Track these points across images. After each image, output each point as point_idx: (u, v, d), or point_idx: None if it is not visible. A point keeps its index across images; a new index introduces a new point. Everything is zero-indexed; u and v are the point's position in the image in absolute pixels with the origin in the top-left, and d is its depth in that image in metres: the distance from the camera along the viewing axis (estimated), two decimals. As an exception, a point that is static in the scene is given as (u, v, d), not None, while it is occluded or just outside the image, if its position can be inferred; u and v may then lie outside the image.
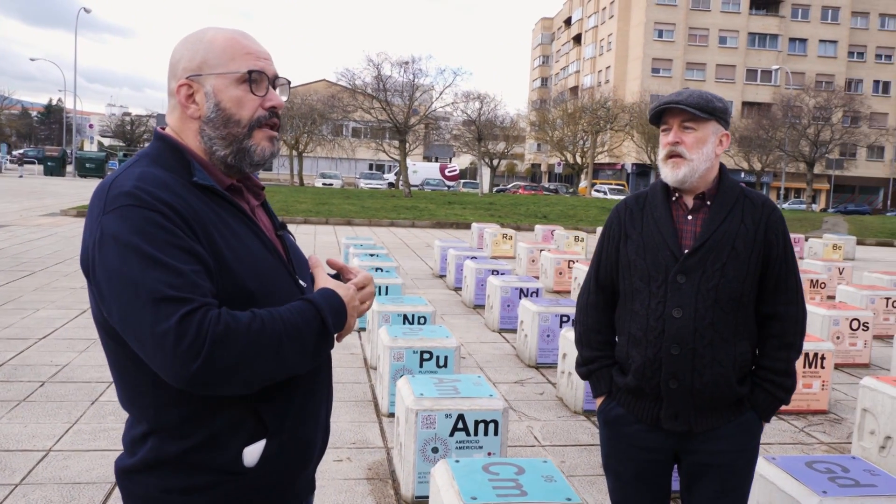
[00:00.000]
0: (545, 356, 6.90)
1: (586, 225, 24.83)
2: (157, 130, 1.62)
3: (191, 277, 1.36)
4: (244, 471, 1.52)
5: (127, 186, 1.42)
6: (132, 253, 1.35)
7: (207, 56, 1.56)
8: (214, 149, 1.58)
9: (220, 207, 1.52)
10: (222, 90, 1.56)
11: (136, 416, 1.53)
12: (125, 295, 1.36)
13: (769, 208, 2.39)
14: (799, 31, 65.12)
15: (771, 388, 2.38)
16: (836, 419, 5.83)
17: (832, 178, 60.60)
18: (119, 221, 1.38)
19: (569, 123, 55.32)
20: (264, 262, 1.55)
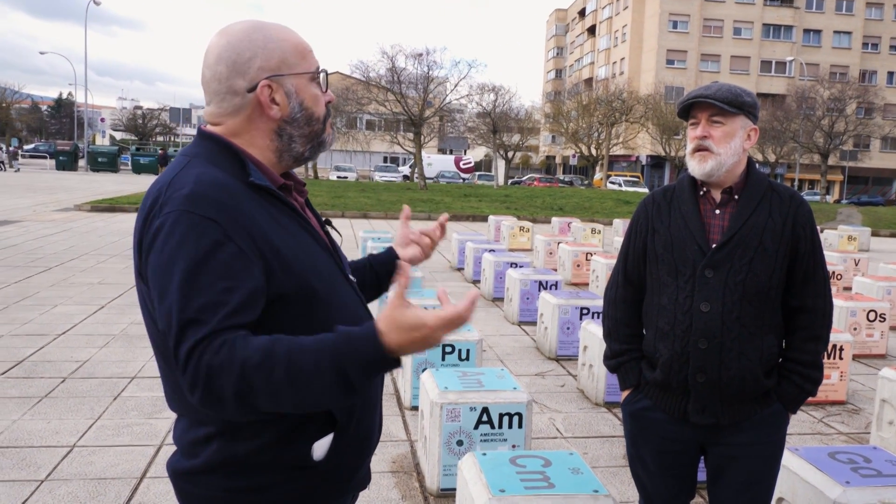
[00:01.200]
0: (565, 348, 6.91)
1: (602, 217, 24.75)
2: (202, 129, 1.59)
3: (225, 298, 1.34)
4: (312, 465, 1.53)
5: (186, 189, 1.40)
6: (174, 264, 1.35)
7: (285, 56, 1.53)
8: (293, 146, 1.58)
9: (274, 207, 1.51)
10: (303, 89, 1.56)
11: (198, 418, 1.51)
12: (163, 305, 1.36)
13: (797, 202, 2.38)
14: (813, 22, 64.52)
15: (798, 381, 2.39)
16: (854, 409, 5.82)
17: (846, 170, 60.13)
18: (171, 226, 1.37)
19: (583, 115, 55.17)
20: (320, 259, 1.56)
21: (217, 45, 1.53)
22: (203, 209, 1.38)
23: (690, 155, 2.38)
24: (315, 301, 1.48)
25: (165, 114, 61.15)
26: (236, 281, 1.36)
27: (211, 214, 1.38)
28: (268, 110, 1.53)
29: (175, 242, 1.36)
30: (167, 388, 1.57)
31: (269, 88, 1.51)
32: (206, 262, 1.35)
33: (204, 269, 1.35)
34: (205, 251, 1.35)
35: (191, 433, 1.53)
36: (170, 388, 1.56)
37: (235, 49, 1.51)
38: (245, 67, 1.51)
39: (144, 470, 4.13)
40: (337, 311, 1.54)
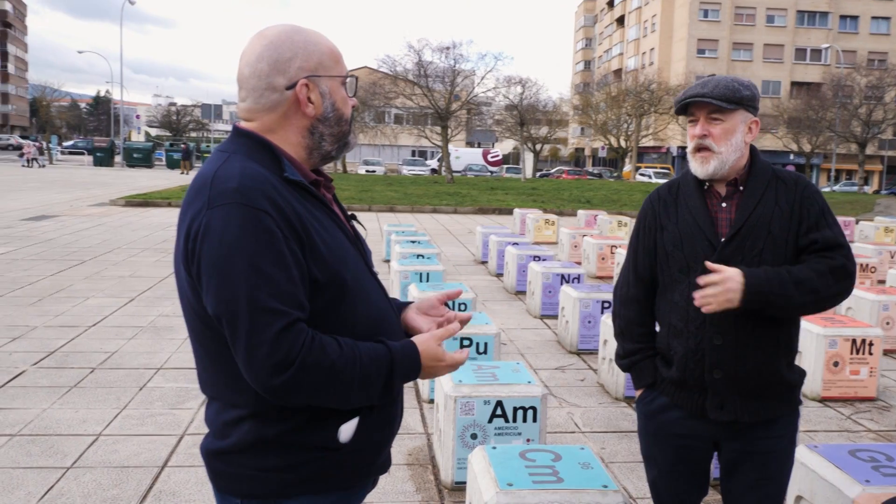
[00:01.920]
0: (586, 342, 6.87)
1: (630, 209, 24.53)
2: (238, 127, 1.66)
3: (289, 288, 1.46)
4: (339, 447, 1.62)
5: (233, 182, 1.49)
6: (237, 254, 1.44)
7: (322, 58, 1.63)
8: (322, 144, 1.68)
9: (307, 201, 1.60)
10: (335, 91, 1.66)
11: (230, 400, 1.60)
12: (225, 294, 1.45)
13: (802, 185, 2.34)
14: (850, 7, 63.18)
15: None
16: (884, 406, 5.71)
17: (885, 159, 58.87)
18: (226, 218, 1.46)
19: (612, 107, 54.69)
20: (348, 251, 1.65)
21: (258, 44, 1.62)
22: (255, 201, 1.47)
23: (692, 154, 2.35)
24: (343, 290, 1.58)
25: (198, 110, 61.81)
26: (296, 270, 1.48)
27: (263, 206, 1.47)
28: (304, 108, 1.63)
29: (233, 234, 1.44)
30: (201, 372, 1.67)
31: (306, 87, 1.61)
32: (268, 251, 1.45)
33: (267, 259, 1.44)
34: (265, 241, 1.45)
35: (223, 415, 1.62)
36: (204, 372, 1.66)
37: (277, 49, 1.60)
38: (286, 66, 1.60)
39: (166, 459, 4.20)
40: (361, 301, 1.63)
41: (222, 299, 1.45)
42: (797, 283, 2.19)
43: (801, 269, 2.23)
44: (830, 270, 2.22)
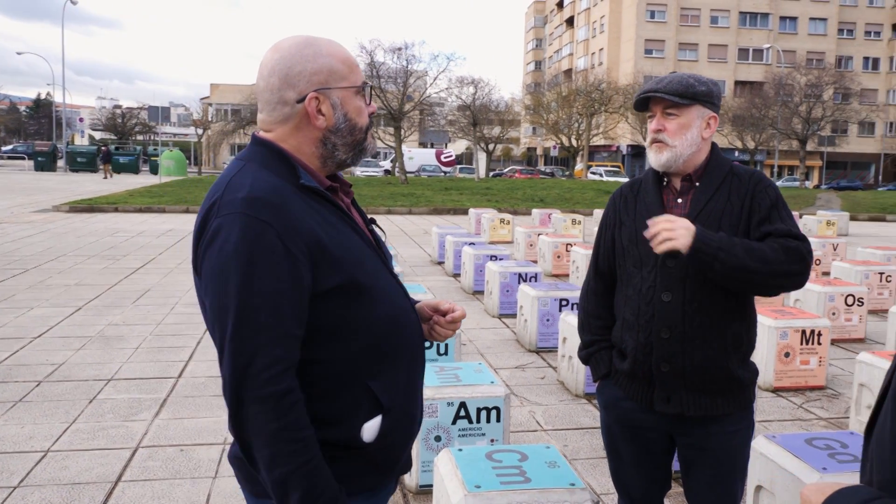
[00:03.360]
0: (545, 340, 6.90)
1: (583, 208, 24.81)
2: (256, 136, 1.69)
3: (280, 304, 1.48)
4: (363, 445, 1.64)
5: (242, 192, 1.52)
6: (232, 265, 1.47)
7: (333, 70, 1.64)
8: (336, 154, 1.69)
9: (323, 207, 1.62)
10: (348, 101, 1.67)
11: None
12: (218, 303, 1.50)
13: (756, 180, 2.35)
14: (789, 9, 64.87)
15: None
16: (833, 394, 5.86)
17: (824, 155, 60.67)
18: (228, 228, 1.49)
19: (563, 106, 55.20)
20: (365, 255, 1.66)
21: (271, 58, 1.64)
22: (259, 212, 1.49)
23: (648, 147, 2.40)
24: (360, 292, 1.60)
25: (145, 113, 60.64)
26: (289, 284, 1.49)
27: (265, 217, 1.49)
28: (314, 120, 1.64)
29: (232, 244, 1.48)
30: None
31: (316, 100, 1.63)
32: (264, 264, 1.47)
33: (261, 272, 1.47)
34: (263, 255, 1.47)
35: None
36: None
37: (287, 63, 1.62)
38: (295, 80, 1.62)
39: (120, 473, 4.07)
40: (380, 302, 1.65)
41: (215, 307, 1.50)
42: (748, 250, 2.17)
43: (754, 242, 2.22)
44: (784, 249, 2.20)
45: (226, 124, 50.22)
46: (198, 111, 62.29)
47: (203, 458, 4.30)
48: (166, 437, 4.62)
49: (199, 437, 4.63)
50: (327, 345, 1.58)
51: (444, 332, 1.92)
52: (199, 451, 4.42)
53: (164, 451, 4.40)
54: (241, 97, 53.55)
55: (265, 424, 1.47)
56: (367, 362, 1.63)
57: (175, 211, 21.93)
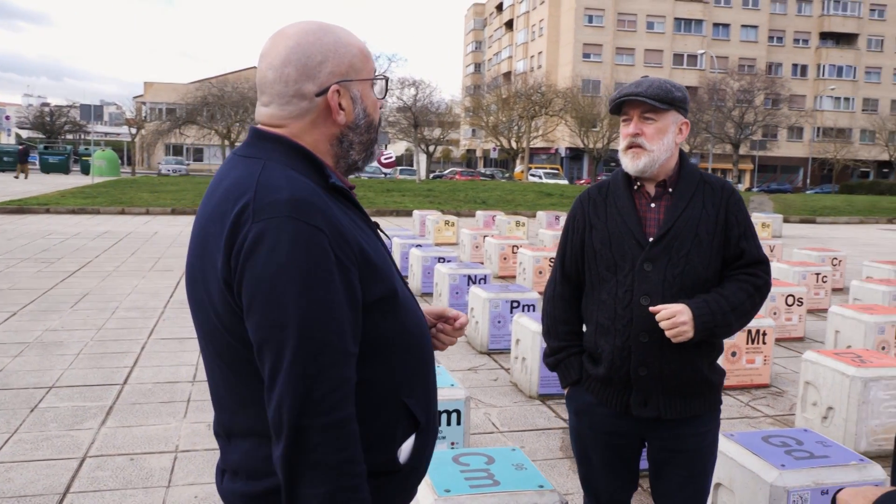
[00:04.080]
0: (496, 342, 6.93)
1: (525, 209, 25.04)
2: (263, 131, 1.50)
3: (341, 319, 1.33)
4: (399, 468, 1.51)
5: (283, 193, 1.34)
6: (287, 275, 1.30)
7: (353, 60, 1.50)
8: (350, 153, 1.55)
9: (349, 209, 1.49)
10: (366, 95, 1.54)
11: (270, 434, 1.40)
12: (271, 319, 1.31)
13: (728, 191, 2.41)
14: (722, 16, 66.78)
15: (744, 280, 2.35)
16: (777, 392, 6.03)
17: (756, 159, 62.57)
18: (276, 235, 1.31)
19: (503, 109, 55.60)
20: (391, 261, 1.55)
21: (282, 45, 1.47)
22: (307, 216, 1.33)
23: (623, 152, 2.38)
24: (396, 302, 1.48)
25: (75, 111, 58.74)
26: (345, 296, 1.35)
27: (316, 222, 1.33)
28: (335, 115, 1.49)
29: (284, 252, 1.31)
30: (230, 404, 1.49)
31: (338, 93, 1.48)
32: (323, 273, 1.32)
33: (321, 282, 1.31)
34: (320, 263, 1.32)
35: (264, 449, 1.42)
36: (237, 405, 1.47)
37: (305, 52, 1.46)
38: (315, 71, 1.46)
39: (68, 484, 3.92)
40: (409, 312, 1.53)
41: (267, 324, 1.31)
42: (734, 310, 2.29)
43: (734, 291, 2.31)
44: (756, 289, 2.35)
45: (161, 124, 48.96)
46: (131, 110, 60.55)
47: (155, 467, 4.17)
48: (115, 445, 4.46)
49: (149, 445, 4.49)
50: (370, 362, 1.43)
51: (449, 340, 1.81)
52: (151, 459, 4.28)
53: (114, 460, 4.26)
54: (177, 96, 52.35)
55: (327, 456, 1.30)
56: (404, 377, 1.51)
57: (110, 212, 21.31)
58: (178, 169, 50.19)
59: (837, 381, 4.78)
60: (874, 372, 4.71)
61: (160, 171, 49.60)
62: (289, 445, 1.30)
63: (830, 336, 7.06)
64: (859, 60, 68.49)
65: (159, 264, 11.86)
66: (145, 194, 24.97)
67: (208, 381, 1.55)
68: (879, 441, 4.72)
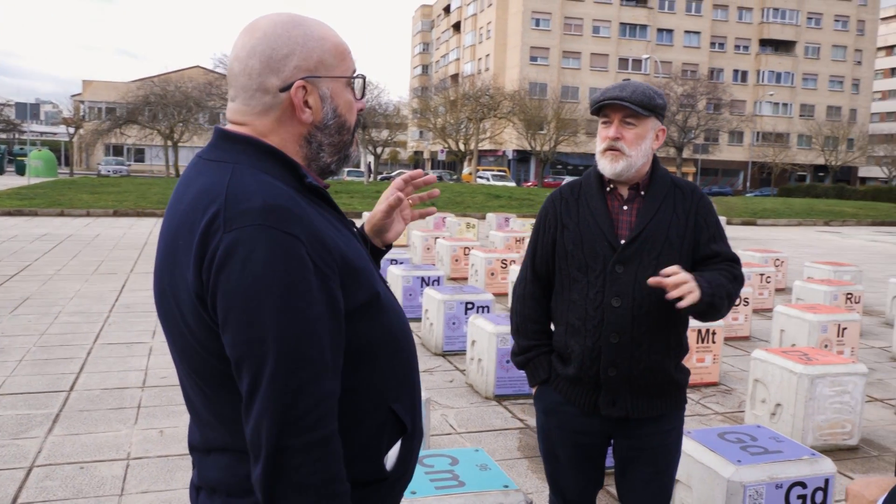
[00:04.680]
0: (451, 343, 6.93)
1: (474, 211, 25.14)
2: (229, 132, 1.42)
3: (321, 332, 1.26)
4: (387, 476, 1.45)
5: (255, 201, 1.27)
6: (264, 287, 1.23)
7: (324, 55, 1.41)
8: (321, 156, 1.46)
9: (326, 212, 1.41)
10: (338, 94, 1.45)
11: None
12: (249, 334, 1.24)
13: (698, 196, 2.46)
14: (666, 22, 68.13)
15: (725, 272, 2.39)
16: (726, 390, 6.17)
17: (699, 162, 63.97)
18: (250, 245, 1.24)
19: (451, 111, 55.72)
20: (370, 262, 1.48)
21: (250, 37, 1.40)
22: (283, 224, 1.26)
23: (601, 154, 2.40)
24: (379, 305, 1.41)
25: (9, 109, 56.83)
26: (326, 307, 1.28)
27: (292, 230, 1.26)
28: (300, 113, 1.40)
29: (259, 263, 1.23)
30: (207, 418, 1.41)
31: (303, 90, 1.39)
32: (301, 284, 1.25)
33: (299, 294, 1.24)
34: (297, 273, 1.25)
35: (244, 465, 1.35)
36: (213, 418, 1.40)
37: (271, 44, 1.38)
38: (280, 65, 1.38)
39: (15, 495, 3.78)
40: (391, 313, 1.46)
41: (244, 340, 1.24)
42: (724, 288, 2.32)
43: (717, 276, 2.34)
44: (735, 278, 2.40)
45: (100, 123, 47.71)
46: (69, 109, 58.97)
47: (106, 475, 4.06)
48: (63, 454, 4.33)
49: (99, 452, 4.36)
50: (357, 369, 1.38)
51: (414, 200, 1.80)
52: (101, 467, 4.16)
53: (63, 469, 4.12)
54: (117, 95, 51.08)
55: (309, 477, 1.24)
56: (391, 382, 1.45)
57: (49, 214, 20.68)
58: (119, 170, 48.99)
59: (786, 378, 4.91)
60: (820, 369, 4.86)
61: (100, 171, 48.30)
62: (268, 466, 1.24)
63: (776, 335, 7.26)
64: (797, 67, 70.69)
65: (103, 267, 11.55)
66: (85, 195, 24.29)
67: (184, 395, 1.48)
68: (825, 436, 4.87)
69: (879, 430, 5.34)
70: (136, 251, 13.64)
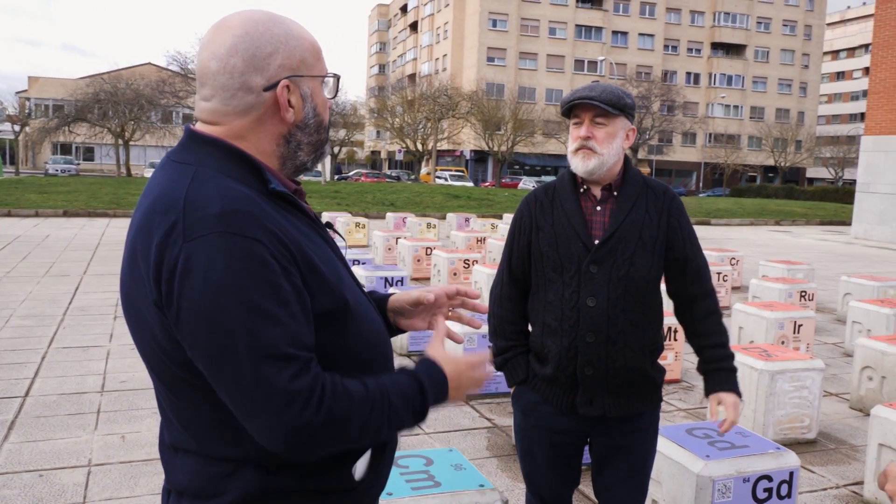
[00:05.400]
0: (416, 344, 6.92)
1: (434, 211, 25.14)
2: (196, 132, 1.39)
3: (294, 327, 1.24)
4: (355, 486, 1.43)
5: (214, 207, 1.23)
6: (228, 295, 1.20)
7: (305, 55, 1.40)
8: (298, 154, 1.44)
9: (293, 216, 1.38)
10: (317, 93, 1.44)
11: (218, 452, 1.35)
12: (218, 344, 1.21)
13: (670, 197, 2.50)
14: (620, 24, 69.06)
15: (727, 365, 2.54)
16: (688, 386, 6.27)
17: (653, 163, 64.96)
18: (210, 253, 1.21)
19: (409, 111, 55.69)
20: (342, 269, 1.44)
21: (227, 34, 1.36)
22: (242, 228, 1.23)
23: (573, 153, 2.42)
24: (347, 313, 1.38)
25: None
26: (298, 305, 1.26)
27: (252, 233, 1.23)
28: (284, 112, 1.39)
29: (220, 270, 1.20)
30: (174, 421, 1.40)
31: (287, 89, 1.38)
32: (265, 286, 1.22)
33: (265, 295, 1.22)
34: (260, 275, 1.22)
35: (208, 470, 1.35)
36: (179, 422, 1.39)
37: (254, 42, 1.35)
38: (264, 63, 1.36)
39: (-31, 506, 3.67)
40: (364, 321, 1.43)
41: (215, 351, 1.21)
42: (726, 347, 2.54)
43: (720, 334, 2.55)
44: (719, 318, 2.58)
45: (48, 121, 46.48)
46: (14, 106, 57.36)
47: (67, 483, 3.95)
48: (21, 462, 4.20)
49: (58, 460, 4.25)
50: None
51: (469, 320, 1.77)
52: (62, 475, 4.05)
53: (21, 477, 4.00)
54: (65, 92, 49.95)
55: (353, 429, 1.28)
56: None
57: (-4, 214, 20.11)
58: (68, 169, 47.83)
59: (746, 374, 5.00)
60: (780, 365, 4.96)
61: (47, 170, 47.07)
62: (308, 454, 1.28)
63: (734, 332, 7.39)
64: (747, 70, 72.26)
65: (54, 269, 11.26)
66: (33, 195, 23.66)
67: (156, 395, 1.47)
68: (785, 430, 4.98)
69: (836, 424, 5.48)
70: (89, 252, 13.33)
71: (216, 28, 1.38)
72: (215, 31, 1.38)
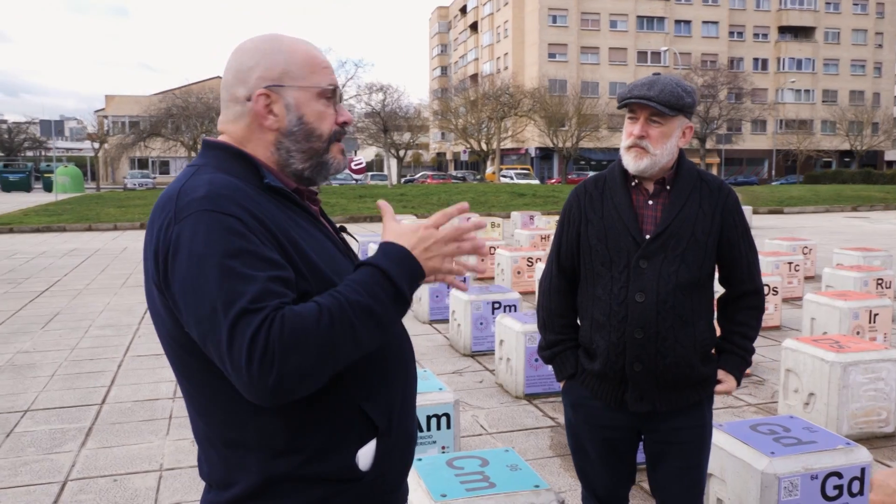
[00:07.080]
0: (479, 344, 6.92)
1: (499, 210, 25.11)
2: (207, 140, 1.54)
3: (265, 285, 1.29)
4: (360, 475, 1.47)
5: (200, 192, 1.36)
6: (207, 263, 1.29)
7: (289, 67, 1.50)
8: (291, 161, 1.53)
9: (291, 210, 1.47)
10: (305, 103, 1.52)
11: (231, 440, 1.43)
12: (203, 308, 1.28)
13: (725, 192, 2.43)
14: (683, 13, 67.57)
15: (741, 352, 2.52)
16: (758, 381, 6.08)
17: (722, 153, 63.35)
18: (193, 228, 1.32)
19: (472, 111, 55.73)
20: (339, 261, 1.50)
21: (231, 56, 1.55)
22: (221, 206, 1.33)
23: (626, 150, 2.36)
24: None
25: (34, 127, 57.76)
26: (273, 268, 1.32)
27: (231, 211, 1.33)
28: (263, 120, 1.50)
29: (201, 242, 1.30)
30: (193, 414, 1.50)
31: (265, 98, 1.49)
32: (239, 253, 1.30)
33: (239, 260, 1.29)
34: (236, 244, 1.30)
35: (225, 460, 1.45)
36: (197, 414, 1.49)
37: (240, 58, 1.52)
38: (245, 76, 1.50)
39: (49, 510, 3.84)
40: None
41: (201, 316, 1.28)
42: (751, 341, 2.54)
43: (753, 328, 2.53)
44: (757, 322, 2.55)
45: (124, 137, 48.33)
46: (93, 124, 59.71)
47: (140, 487, 4.10)
48: (97, 467, 4.37)
49: (132, 465, 4.41)
50: None
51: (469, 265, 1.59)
52: (135, 479, 4.20)
53: (97, 482, 4.17)
54: (140, 108, 51.72)
55: (310, 346, 1.26)
56: (360, 382, 1.47)
57: (77, 229, 20.99)
58: (145, 182, 49.62)
59: (818, 367, 4.83)
60: (853, 357, 4.77)
61: (126, 185, 48.94)
62: (290, 394, 1.27)
63: (807, 323, 7.15)
64: (817, 53, 69.73)
65: (131, 280, 11.69)
66: (112, 209, 24.63)
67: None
68: (860, 424, 4.78)
69: (918, 418, 5.23)
70: (164, 263, 13.76)
71: None
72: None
